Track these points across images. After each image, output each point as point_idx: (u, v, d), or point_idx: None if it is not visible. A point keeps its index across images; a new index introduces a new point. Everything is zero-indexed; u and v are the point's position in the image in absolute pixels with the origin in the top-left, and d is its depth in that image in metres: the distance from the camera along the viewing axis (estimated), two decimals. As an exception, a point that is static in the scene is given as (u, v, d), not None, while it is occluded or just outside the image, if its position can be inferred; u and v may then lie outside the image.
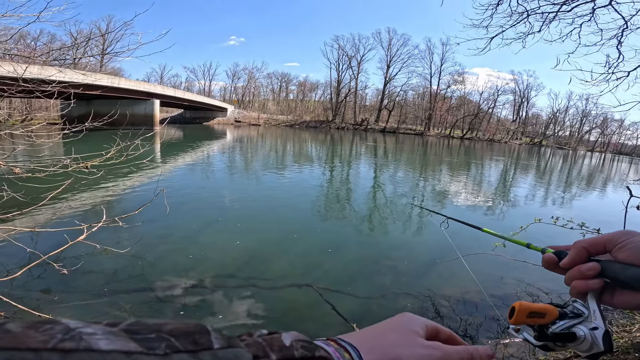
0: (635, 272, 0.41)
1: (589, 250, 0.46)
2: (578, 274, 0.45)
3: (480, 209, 8.24)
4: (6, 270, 3.28)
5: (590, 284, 0.44)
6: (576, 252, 0.46)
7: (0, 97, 2.76)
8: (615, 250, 0.44)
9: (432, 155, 23.50)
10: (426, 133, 53.69)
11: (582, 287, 0.45)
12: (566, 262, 0.47)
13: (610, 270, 0.43)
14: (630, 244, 0.43)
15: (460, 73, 56.99)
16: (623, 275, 0.42)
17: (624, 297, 0.44)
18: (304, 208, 7.13)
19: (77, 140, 3.19)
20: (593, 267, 0.44)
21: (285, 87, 73.67)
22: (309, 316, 3.25)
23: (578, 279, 0.45)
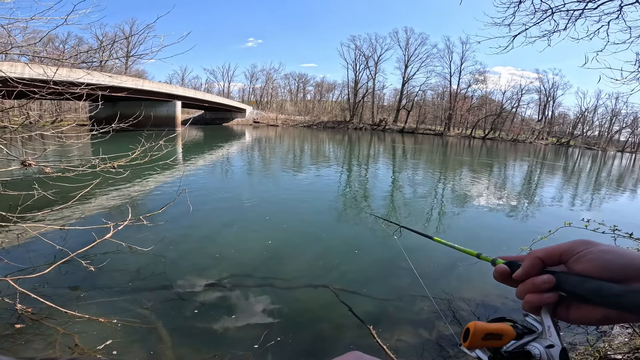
0: (595, 286, 0.39)
1: (544, 261, 0.43)
2: (532, 287, 0.43)
3: (504, 210, 7.96)
4: (36, 267, 3.41)
5: (545, 298, 0.42)
6: (530, 263, 0.44)
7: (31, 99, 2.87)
8: (572, 261, 0.42)
9: (452, 156, 22.97)
10: (446, 133, 52.51)
11: (535, 301, 0.42)
12: (519, 274, 0.44)
13: (567, 283, 0.41)
14: (588, 254, 0.40)
15: (481, 72, 55.44)
16: (581, 288, 0.40)
17: (581, 312, 0.41)
18: (321, 209, 7.11)
19: (104, 141, 3.29)
20: (548, 280, 0.42)
21: (303, 88, 74.00)
22: (325, 317, 3.22)
23: (531, 293, 0.43)
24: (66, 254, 3.14)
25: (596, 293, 0.38)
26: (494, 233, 6.16)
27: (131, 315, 3.00)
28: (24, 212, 2.77)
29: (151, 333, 2.80)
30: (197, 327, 2.94)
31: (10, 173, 2.75)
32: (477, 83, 56.15)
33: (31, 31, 3.21)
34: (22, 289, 2.73)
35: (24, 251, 4.14)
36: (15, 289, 2.73)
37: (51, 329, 2.74)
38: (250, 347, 2.71)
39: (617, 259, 0.39)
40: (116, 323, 2.85)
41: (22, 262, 3.54)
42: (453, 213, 7.51)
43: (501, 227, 6.64)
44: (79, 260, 3.09)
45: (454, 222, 6.86)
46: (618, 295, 0.37)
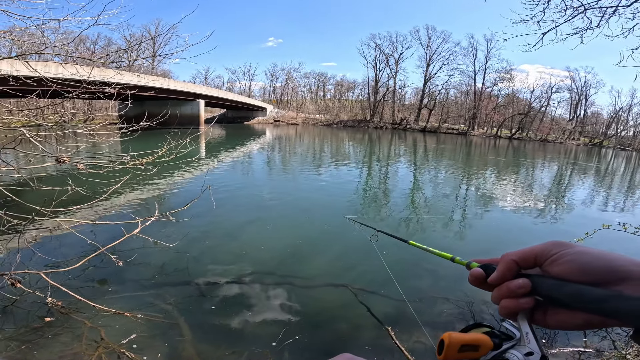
0: (572, 290, 0.37)
1: (519, 264, 0.41)
2: (507, 291, 0.41)
3: (531, 213, 7.60)
4: (67, 261, 3.54)
5: (521, 304, 0.40)
6: (505, 267, 0.42)
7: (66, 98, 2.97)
8: (548, 264, 0.40)
9: (476, 156, 22.26)
10: (470, 133, 50.94)
11: (511, 306, 0.40)
12: (494, 278, 0.42)
13: (543, 287, 0.39)
14: (564, 257, 0.39)
15: (507, 70, 53.18)
16: (558, 292, 0.38)
17: (559, 317, 0.39)
18: (341, 207, 7.05)
19: (132, 139, 3.38)
20: (523, 285, 0.40)
21: (323, 87, 74.00)
22: (343, 316, 3.19)
23: (507, 298, 0.41)
24: (96, 248, 3.24)
25: (576, 298, 0.36)
26: (521, 236, 5.88)
27: (154, 310, 3.07)
28: (58, 207, 2.88)
29: (172, 328, 2.85)
30: (217, 323, 2.97)
31: (45, 169, 2.86)
32: (503, 81, 54.05)
33: (63, 32, 3.32)
34: (54, 282, 2.83)
35: (56, 245, 4.33)
36: (47, 282, 2.83)
37: (79, 322, 2.83)
38: (268, 344, 2.71)
39: (595, 261, 0.37)
40: (140, 317, 2.92)
41: (55, 255, 3.69)
42: (477, 215, 7.25)
43: (529, 230, 6.33)
44: (108, 254, 3.18)
45: (478, 224, 6.61)
46: (601, 300, 0.34)
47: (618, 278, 0.36)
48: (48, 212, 2.75)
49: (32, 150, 2.65)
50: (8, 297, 2.99)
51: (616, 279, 0.36)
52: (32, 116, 3.07)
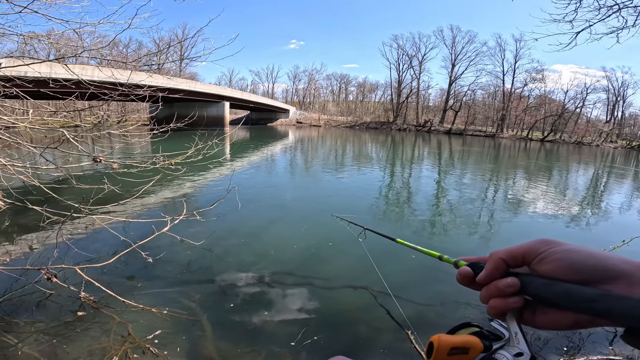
0: (561, 289, 0.36)
1: (507, 263, 0.41)
2: (495, 291, 0.40)
3: (563, 218, 7.17)
4: (101, 257, 3.69)
5: (509, 303, 0.39)
6: (493, 265, 0.41)
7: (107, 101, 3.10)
8: (536, 262, 0.39)
9: (505, 159, 21.40)
10: (499, 135, 49.09)
11: (500, 306, 0.40)
12: (483, 277, 0.42)
13: (532, 286, 0.38)
14: (552, 255, 0.38)
15: (538, 70, 50.77)
16: (547, 292, 0.37)
17: (548, 317, 0.38)
18: (362, 210, 6.96)
19: (162, 140, 3.48)
20: (512, 284, 0.39)
21: (345, 89, 73.85)
22: (362, 319, 3.14)
23: (495, 297, 0.40)
24: (128, 244, 3.36)
25: (565, 297, 0.35)
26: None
27: (179, 306, 3.13)
28: (94, 204, 3.01)
29: (194, 325, 2.89)
30: (238, 321, 3.00)
31: (81, 168, 3.00)
32: (534, 82, 51.69)
33: (98, 35, 3.46)
34: (88, 277, 2.95)
35: (91, 241, 4.53)
36: (81, 277, 2.95)
37: (108, 317, 2.92)
38: (287, 344, 2.71)
39: (584, 259, 0.36)
40: (165, 314, 2.98)
41: (90, 251, 3.86)
42: (505, 219, 6.94)
43: (561, 236, 5.99)
44: (139, 251, 3.28)
45: (506, 230, 6.32)
46: (590, 300, 0.34)
47: (608, 277, 0.35)
48: (85, 209, 2.87)
49: (70, 150, 2.77)
50: (44, 291, 3.14)
51: (606, 278, 0.35)
52: (70, 117, 3.22)
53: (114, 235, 3.65)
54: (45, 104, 3.34)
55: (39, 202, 2.85)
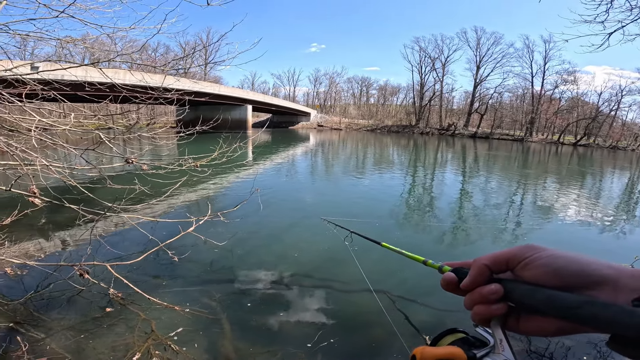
0: (545, 295, 0.35)
1: (491, 268, 0.40)
2: (479, 297, 0.40)
3: (597, 225, 6.74)
4: (130, 255, 3.81)
5: (493, 310, 0.39)
6: (477, 272, 0.41)
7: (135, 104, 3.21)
8: (520, 268, 0.39)
9: (534, 163, 20.49)
10: (528, 139, 47.19)
11: (484, 313, 0.40)
12: (466, 284, 0.42)
13: (516, 292, 0.38)
14: (536, 260, 0.37)
15: (570, 72, 48.41)
16: (531, 298, 0.36)
17: (532, 323, 0.38)
18: (383, 214, 6.86)
19: (188, 142, 3.57)
20: (495, 290, 0.39)
21: (366, 92, 73.56)
22: (379, 322, 3.08)
23: (479, 304, 0.40)
24: (155, 243, 3.46)
25: (548, 304, 0.35)
26: (583, 251, 5.22)
27: (200, 305, 3.19)
28: (125, 204, 3.12)
29: (214, 324, 2.93)
30: (256, 321, 3.03)
31: (113, 169, 3.13)
32: (565, 84, 49.37)
33: (128, 40, 3.59)
34: (117, 274, 3.05)
35: (121, 239, 4.72)
36: (111, 274, 3.06)
37: (134, 314, 3.00)
38: (304, 345, 2.71)
39: (568, 264, 0.36)
40: (187, 312, 3.04)
41: (120, 249, 4.00)
42: (533, 227, 6.61)
43: (591, 245, 5.65)
44: (165, 250, 3.37)
45: (534, 238, 6.02)
46: (574, 306, 0.33)
47: (592, 282, 0.35)
48: (118, 208, 2.98)
49: (105, 152, 2.89)
50: (75, 287, 3.28)
51: (590, 283, 0.35)
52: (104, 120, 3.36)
53: (143, 234, 3.77)
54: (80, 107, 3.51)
55: (75, 201, 2.98)
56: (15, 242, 4.14)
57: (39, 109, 2.68)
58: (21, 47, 23.79)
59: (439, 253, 5.01)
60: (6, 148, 2.25)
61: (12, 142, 2.33)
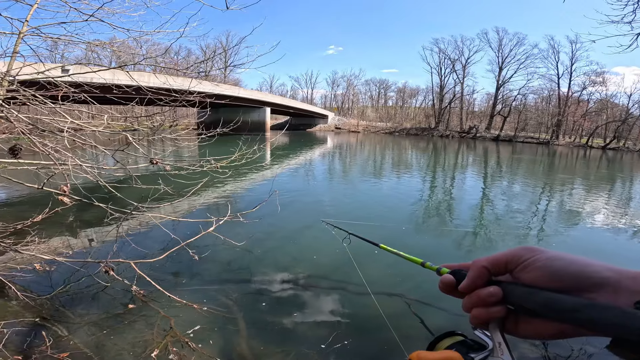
0: (544, 298, 0.35)
1: (490, 271, 0.40)
2: (477, 300, 0.39)
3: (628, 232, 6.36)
4: (152, 252, 3.91)
5: (492, 313, 0.38)
6: (475, 274, 0.40)
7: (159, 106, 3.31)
8: (519, 270, 0.38)
9: (561, 167, 19.66)
10: (554, 142, 45.44)
11: (483, 316, 0.39)
12: (465, 286, 0.41)
13: (514, 295, 0.37)
14: (535, 262, 0.37)
15: (598, 73, 46.43)
16: (529, 301, 0.36)
17: (531, 326, 0.37)
18: (399, 218, 6.77)
19: (209, 144, 3.64)
20: (494, 293, 0.38)
21: (384, 94, 73.06)
22: (395, 326, 3.02)
23: (478, 307, 0.39)
24: (177, 242, 3.54)
25: (547, 306, 0.34)
26: (612, 260, 4.94)
27: (218, 304, 3.23)
28: (150, 203, 3.22)
29: (231, 322, 2.97)
30: (271, 321, 3.05)
31: (138, 169, 3.23)
32: (594, 85, 47.32)
33: (152, 43, 3.69)
34: (141, 272, 3.13)
35: (144, 237, 4.86)
36: (134, 271, 3.15)
37: (154, 311, 3.08)
38: (317, 346, 2.71)
39: (567, 266, 0.35)
40: (205, 310, 3.09)
41: (143, 247, 4.11)
42: (558, 233, 6.33)
43: (622, 254, 5.34)
44: (186, 248, 3.45)
45: (560, 246, 5.75)
46: (573, 309, 0.33)
47: (592, 285, 0.34)
48: (143, 207, 3.07)
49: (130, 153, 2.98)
50: (99, 283, 3.40)
51: (590, 286, 0.34)
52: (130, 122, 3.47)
53: (165, 233, 3.87)
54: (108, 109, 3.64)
55: (103, 199, 3.10)
56: (45, 239, 4.33)
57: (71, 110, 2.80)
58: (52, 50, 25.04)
59: (458, 258, 4.88)
60: (41, 148, 2.35)
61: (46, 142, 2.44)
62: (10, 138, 2.95)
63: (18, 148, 2.42)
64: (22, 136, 2.44)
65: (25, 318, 2.87)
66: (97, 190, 3.14)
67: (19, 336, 2.63)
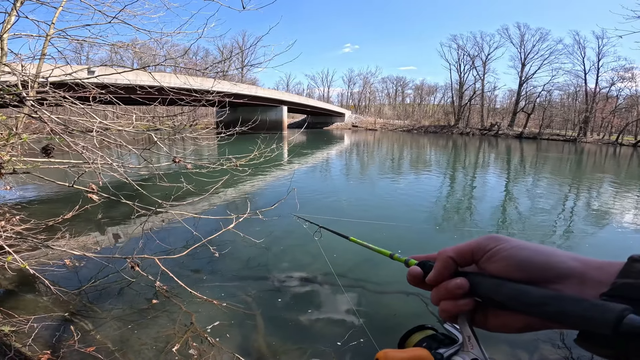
0: (511, 290, 0.33)
1: (457, 261, 0.38)
2: (445, 292, 0.38)
3: None
4: (174, 249, 4.02)
5: (460, 305, 0.37)
6: (442, 264, 0.39)
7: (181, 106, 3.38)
8: (484, 260, 0.37)
9: (589, 166, 18.78)
10: (581, 139, 43.46)
11: (451, 309, 0.37)
12: (432, 278, 0.39)
13: (481, 287, 0.36)
14: (500, 252, 0.36)
15: (627, 68, 43.97)
16: (497, 293, 0.34)
17: (500, 319, 0.36)
18: (419, 217, 6.67)
19: (228, 143, 3.69)
20: (461, 285, 0.36)
21: (402, 92, 71.98)
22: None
23: (446, 299, 0.38)
24: (198, 239, 3.62)
25: (515, 299, 0.33)
26: None
27: (237, 300, 3.29)
28: (172, 201, 3.30)
29: (249, 319, 3.01)
30: (288, 318, 3.07)
31: (161, 168, 3.32)
32: (623, 81, 44.89)
33: (170, 44, 3.77)
34: (164, 267, 3.22)
35: (167, 234, 5.00)
36: (158, 267, 3.24)
37: (176, 306, 3.16)
38: (334, 344, 2.71)
39: (533, 256, 0.34)
40: (224, 306, 3.15)
41: (167, 243, 4.24)
42: (586, 234, 6.05)
43: None
44: (207, 245, 3.52)
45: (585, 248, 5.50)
46: (541, 302, 0.32)
47: (557, 275, 0.33)
48: (167, 204, 3.16)
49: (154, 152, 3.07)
50: (125, 278, 3.52)
51: (555, 277, 0.33)
52: (153, 121, 3.57)
53: (187, 230, 3.96)
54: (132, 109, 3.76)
55: (129, 197, 3.20)
56: (74, 235, 4.52)
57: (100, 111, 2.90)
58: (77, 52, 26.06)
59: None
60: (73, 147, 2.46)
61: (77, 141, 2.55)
62: (40, 138, 3.09)
63: (50, 148, 2.53)
64: (53, 136, 2.55)
65: (54, 313, 3.00)
66: (123, 188, 3.24)
67: (48, 330, 2.74)
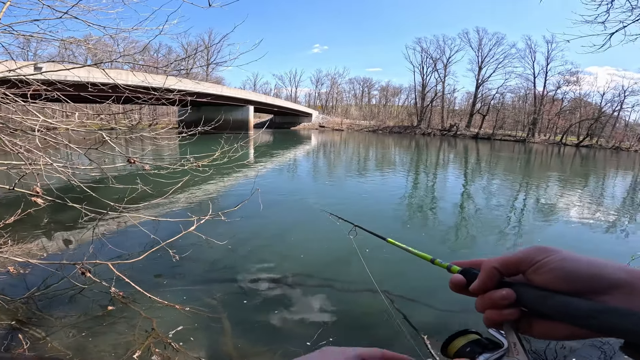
0: (559, 302, 0.34)
1: (501, 272, 0.39)
2: (490, 302, 0.39)
3: (600, 227, 6.71)
4: (131, 253, 3.84)
5: (505, 315, 0.38)
6: (486, 275, 0.40)
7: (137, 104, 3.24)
8: (531, 272, 0.37)
9: (536, 164, 20.40)
10: (530, 139, 47.05)
11: (496, 318, 0.39)
12: (476, 287, 0.41)
13: (527, 297, 0.37)
14: (548, 264, 0.36)
15: (572, 72, 48.33)
16: (543, 305, 0.35)
17: (545, 327, 0.37)
18: (386, 215, 6.89)
19: (190, 143, 3.59)
20: (507, 296, 0.38)
21: (368, 92, 73.59)
22: (379, 323, 3.13)
23: (491, 308, 0.39)
24: (157, 242, 3.48)
25: (562, 311, 0.34)
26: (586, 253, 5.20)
27: (201, 304, 3.21)
28: (127, 203, 3.15)
29: (215, 322, 2.96)
30: (257, 320, 3.05)
31: (116, 169, 3.16)
32: (568, 84, 49.22)
33: (130, 41, 3.61)
34: (119, 273, 3.07)
35: (123, 238, 4.74)
36: (113, 273, 3.08)
37: (135, 312, 3.02)
38: (303, 344, 2.74)
39: (582, 268, 0.35)
40: (188, 310, 3.07)
41: (121, 248, 4.03)
42: (535, 227, 6.60)
43: (594, 247, 5.64)
44: (166, 249, 3.40)
45: (536, 239, 6.01)
46: (589, 316, 0.32)
47: (605, 286, 0.33)
48: (120, 207, 3.01)
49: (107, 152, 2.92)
50: (77, 285, 3.30)
51: (603, 288, 0.34)
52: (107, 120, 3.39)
53: (144, 233, 3.80)
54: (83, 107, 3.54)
55: (78, 200, 3.01)
56: (18, 241, 4.17)
57: (43, 109, 2.71)
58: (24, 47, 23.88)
59: (444, 253, 5.01)
60: (11, 147, 2.27)
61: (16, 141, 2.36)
62: (-23, 138, 2.82)
63: (-13, 148, 2.33)
64: (-9, 135, 2.35)
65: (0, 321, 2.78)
66: (71, 191, 3.05)
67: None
